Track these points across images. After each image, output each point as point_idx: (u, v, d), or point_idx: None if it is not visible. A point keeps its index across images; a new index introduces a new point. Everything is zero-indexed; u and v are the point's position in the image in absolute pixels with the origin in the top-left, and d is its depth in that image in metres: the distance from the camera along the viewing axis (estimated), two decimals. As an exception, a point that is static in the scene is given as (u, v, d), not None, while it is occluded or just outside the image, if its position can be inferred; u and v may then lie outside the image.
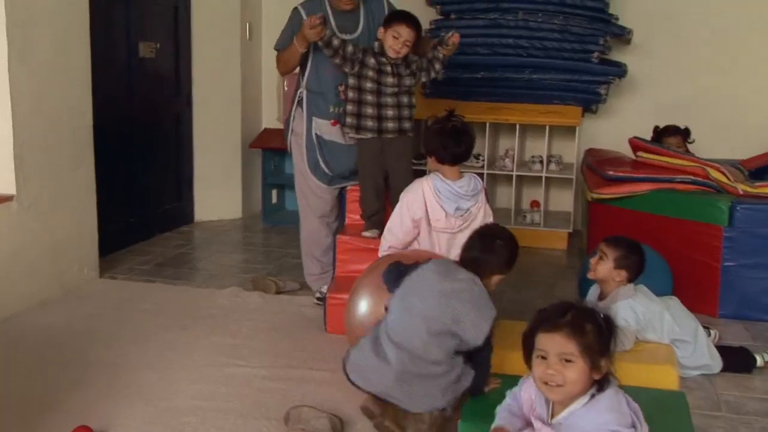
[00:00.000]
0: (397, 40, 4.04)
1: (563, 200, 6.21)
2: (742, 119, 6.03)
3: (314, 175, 4.44)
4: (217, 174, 6.53)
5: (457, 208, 3.69)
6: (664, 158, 4.81)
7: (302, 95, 4.39)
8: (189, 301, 4.54)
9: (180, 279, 5.01)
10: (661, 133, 5.29)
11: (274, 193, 6.75)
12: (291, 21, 4.31)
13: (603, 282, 3.59)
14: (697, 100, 6.03)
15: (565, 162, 6.09)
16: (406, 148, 4.28)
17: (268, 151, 6.49)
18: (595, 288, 3.69)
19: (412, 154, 4.41)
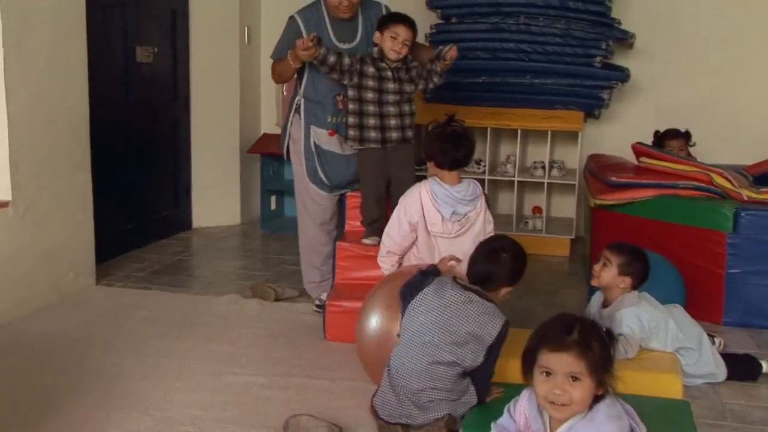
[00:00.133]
0: (396, 40, 4.02)
1: (565, 206, 6.19)
2: (747, 124, 6.00)
3: (313, 183, 4.40)
4: (216, 180, 6.50)
5: (454, 213, 3.68)
6: (667, 164, 4.77)
7: (300, 103, 4.35)
8: (186, 309, 4.51)
9: (177, 286, 4.99)
10: (663, 137, 5.28)
11: (273, 199, 6.73)
12: (287, 30, 4.27)
13: (607, 289, 3.58)
14: (701, 104, 6.00)
15: (567, 168, 6.07)
16: (408, 156, 4.26)
17: (266, 156, 6.44)
18: (599, 295, 3.68)
19: (415, 160, 4.37)
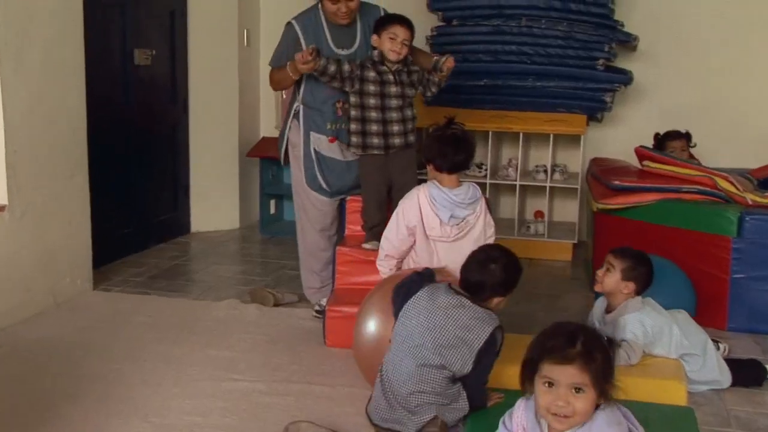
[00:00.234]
0: (395, 41, 4.00)
1: (568, 210, 6.15)
2: (752, 127, 5.96)
3: (313, 189, 4.37)
4: (214, 183, 6.47)
5: (452, 216, 3.65)
6: (671, 167, 4.75)
7: (298, 109, 4.32)
8: (185, 314, 4.49)
9: (176, 291, 4.96)
10: (664, 138, 5.26)
11: (273, 203, 6.69)
12: (285, 37, 4.24)
13: (610, 294, 3.57)
14: (704, 107, 5.97)
15: (569, 171, 6.04)
16: (410, 161, 4.23)
17: (266, 160, 6.40)
18: (602, 301, 3.66)
19: (416, 165, 4.35)
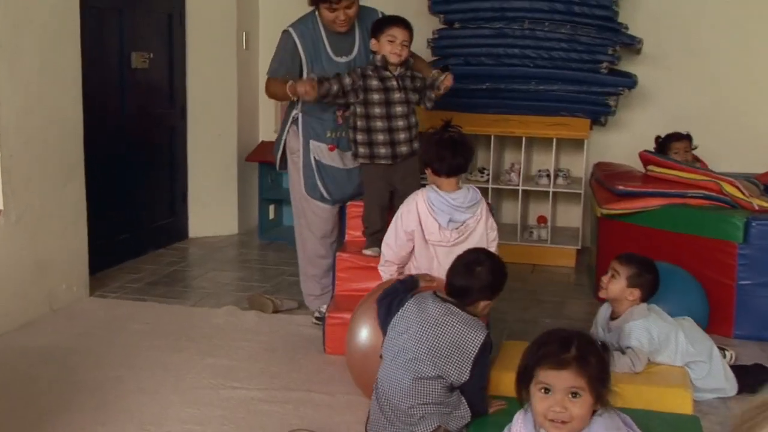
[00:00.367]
0: (395, 43, 3.96)
1: (571, 216, 6.11)
2: (757, 131, 5.91)
3: (314, 198, 4.33)
4: (213, 188, 6.44)
5: (451, 221, 3.61)
6: (675, 172, 4.71)
7: (297, 116, 4.27)
8: (182, 321, 4.46)
9: (173, 297, 4.93)
10: (666, 140, 5.21)
11: (272, 208, 6.66)
12: (283, 46, 4.19)
13: (615, 301, 3.54)
14: (710, 111, 5.92)
15: (573, 176, 5.99)
16: (414, 167, 4.18)
17: (264, 164, 6.35)
18: (607, 307, 3.64)
19: (419, 170, 4.31)
